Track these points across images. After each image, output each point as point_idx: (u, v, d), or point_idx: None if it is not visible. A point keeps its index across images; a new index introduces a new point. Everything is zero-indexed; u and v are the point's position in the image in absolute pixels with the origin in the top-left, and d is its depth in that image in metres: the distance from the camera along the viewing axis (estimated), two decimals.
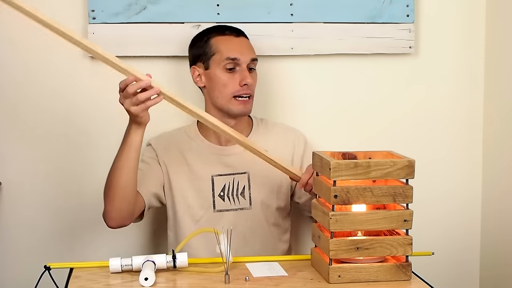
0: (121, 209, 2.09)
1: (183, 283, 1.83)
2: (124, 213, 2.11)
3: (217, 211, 2.23)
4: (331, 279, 1.79)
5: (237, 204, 2.25)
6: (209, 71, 2.24)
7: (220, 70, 2.22)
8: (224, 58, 2.21)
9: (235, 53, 2.22)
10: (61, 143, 2.48)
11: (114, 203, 2.07)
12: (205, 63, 2.25)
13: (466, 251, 2.70)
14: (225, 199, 2.24)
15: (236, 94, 2.21)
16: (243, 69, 2.22)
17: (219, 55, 2.22)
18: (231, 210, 2.24)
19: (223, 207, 2.24)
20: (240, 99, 2.21)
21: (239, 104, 2.21)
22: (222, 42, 2.24)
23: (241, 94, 2.21)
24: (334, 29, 2.50)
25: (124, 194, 2.07)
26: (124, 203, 2.08)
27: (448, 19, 2.61)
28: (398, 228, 1.82)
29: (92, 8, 2.40)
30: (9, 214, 2.49)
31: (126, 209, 2.10)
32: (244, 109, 2.22)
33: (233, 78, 2.21)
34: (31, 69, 2.45)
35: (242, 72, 2.22)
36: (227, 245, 1.82)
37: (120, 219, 2.11)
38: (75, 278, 1.85)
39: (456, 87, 2.65)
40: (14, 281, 2.50)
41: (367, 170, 1.77)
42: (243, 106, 2.22)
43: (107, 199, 2.09)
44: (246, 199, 2.25)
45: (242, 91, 2.21)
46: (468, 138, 2.66)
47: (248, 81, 2.20)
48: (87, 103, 2.49)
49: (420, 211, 2.02)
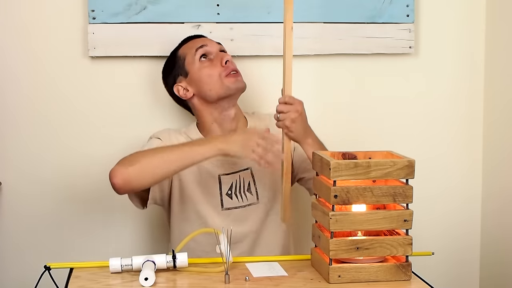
0: (141, 181, 2.07)
1: (183, 283, 1.83)
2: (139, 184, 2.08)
3: (225, 209, 2.24)
4: (331, 279, 1.79)
5: (245, 201, 2.26)
6: (190, 75, 2.27)
7: (197, 65, 2.25)
8: (193, 52, 2.26)
9: (199, 43, 2.28)
10: (61, 143, 2.48)
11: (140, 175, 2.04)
12: (182, 73, 2.28)
13: (466, 251, 2.70)
14: (233, 197, 2.25)
15: (224, 74, 2.23)
16: (217, 53, 2.27)
17: (189, 54, 2.27)
18: (239, 207, 2.25)
19: (231, 205, 2.24)
20: (230, 75, 2.24)
21: (231, 78, 2.24)
22: (186, 46, 2.30)
23: (228, 72, 2.23)
24: (334, 29, 2.50)
25: (155, 179, 2.06)
26: (147, 182, 2.08)
27: (448, 19, 2.61)
28: (398, 228, 1.82)
29: (92, 8, 2.40)
30: (9, 214, 2.49)
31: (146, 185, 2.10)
32: (238, 82, 2.24)
33: (213, 65, 2.25)
34: (31, 69, 2.45)
35: (217, 55, 2.26)
36: (227, 245, 1.82)
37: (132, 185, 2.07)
38: (75, 278, 1.85)
39: (456, 86, 2.65)
40: (14, 281, 2.50)
41: (367, 170, 1.77)
42: (235, 79, 2.24)
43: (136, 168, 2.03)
44: (253, 194, 2.26)
45: (227, 69, 2.24)
46: (468, 137, 2.66)
47: (227, 58, 2.24)
48: (87, 103, 2.49)
49: (420, 211, 2.02)
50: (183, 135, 2.29)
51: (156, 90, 2.50)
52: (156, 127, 2.39)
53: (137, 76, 2.49)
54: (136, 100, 2.50)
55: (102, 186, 2.50)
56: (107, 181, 2.50)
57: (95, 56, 2.44)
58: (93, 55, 2.43)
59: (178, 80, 2.29)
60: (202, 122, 2.30)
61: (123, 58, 2.47)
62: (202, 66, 2.25)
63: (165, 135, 2.27)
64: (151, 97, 2.51)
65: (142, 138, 2.47)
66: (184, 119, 2.46)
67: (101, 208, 2.52)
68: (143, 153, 2.08)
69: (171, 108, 2.51)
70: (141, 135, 2.48)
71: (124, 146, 2.50)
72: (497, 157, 2.60)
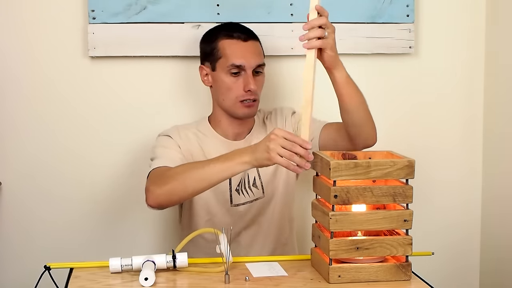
0: (173, 202, 2.07)
1: (183, 283, 1.83)
2: (171, 204, 2.09)
3: (234, 205, 2.25)
4: (331, 279, 1.79)
5: (251, 195, 2.26)
6: (215, 73, 2.24)
7: (224, 74, 2.21)
8: (229, 63, 2.20)
9: (240, 59, 2.20)
10: (61, 143, 2.48)
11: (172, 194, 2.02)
12: (212, 64, 2.25)
13: (466, 251, 2.70)
14: (240, 193, 2.25)
15: (240, 99, 2.21)
16: (248, 74, 2.21)
17: (224, 59, 2.21)
18: (246, 203, 2.26)
19: (239, 201, 2.25)
20: (245, 103, 2.22)
21: (244, 108, 2.22)
22: (229, 46, 2.22)
23: (245, 99, 2.21)
24: None
25: (186, 196, 2.05)
26: (181, 200, 2.08)
27: (448, 19, 2.62)
28: (398, 228, 1.82)
29: (92, 8, 2.40)
30: (9, 214, 2.49)
31: (178, 203, 2.12)
32: (249, 112, 2.23)
33: (237, 83, 2.21)
34: (31, 69, 2.45)
35: (246, 77, 2.21)
36: (227, 245, 1.82)
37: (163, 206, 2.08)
38: (75, 278, 1.85)
39: (456, 87, 2.65)
40: (14, 281, 2.50)
41: (367, 170, 1.77)
42: (247, 109, 2.22)
43: (166, 188, 2.01)
44: (259, 188, 2.27)
45: (246, 96, 2.21)
46: (468, 138, 2.67)
47: (251, 88, 2.20)
48: (87, 103, 2.49)
49: (420, 211, 2.02)
50: (193, 130, 2.28)
51: (156, 90, 2.51)
52: (157, 127, 2.39)
53: (137, 76, 2.49)
54: (136, 100, 2.50)
55: (102, 186, 2.51)
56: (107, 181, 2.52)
57: (95, 56, 2.44)
58: (93, 55, 2.43)
59: (206, 65, 2.27)
60: (213, 114, 2.31)
61: (123, 58, 2.47)
62: (229, 79, 2.22)
63: (174, 132, 2.25)
64: (152, 97, 2.51)
65: (142, 138, 2.48)
66: (185, 119, 2.46)
67: (101, 208, 2.52)
68: (174, 172, 2.03)
69: (172, 108, 2.51)
70: (142, 135, 2.49)
71: (124, 146, 2.50)
72: (497, 157, 2.60)
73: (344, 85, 2.01)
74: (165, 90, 2.51)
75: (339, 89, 2.03)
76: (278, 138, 1.85)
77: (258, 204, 2.27)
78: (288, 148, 1.84)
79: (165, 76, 2.50)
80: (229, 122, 2.27)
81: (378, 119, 2.60)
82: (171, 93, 2.51)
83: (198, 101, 2.49)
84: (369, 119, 2.11)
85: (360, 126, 2.10)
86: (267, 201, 2.28)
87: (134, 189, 2.50)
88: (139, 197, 2.52)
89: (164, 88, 2.51)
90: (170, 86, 2.51)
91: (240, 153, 1.93)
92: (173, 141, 2.22)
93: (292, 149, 1.83)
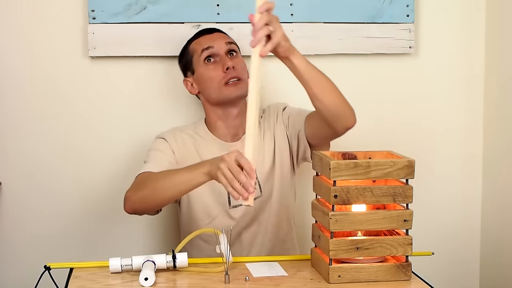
0: (146, 209, 2.11)
1: (183, 283, 1.83)
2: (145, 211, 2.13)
3: (232, 207, 2.25)
4: (331, 279, 1.79)
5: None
6: (196, 74, 2.28)
7: (202, 66, 2.26)
8: (200, 52, 2.26)
9: (207, 42, 2.27)
10: (61, 142, 2.48)
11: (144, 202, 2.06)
12: (190, 69, 2.30)
13: (466, 251, 2.70)
14: None
15: (223, 82, 2.23)
16: (222, 56, 2.26)
17: (196, 53, 2.27)
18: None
19: (237, 202, 2.25)
20: (229, 83, 2.23)
21: (230, 87, 2.23)
22: (197, 42, 2.30)
23: (228, 80, 2.23)
24: (334, 29, 2.51)
25: (156, 204, 2.08)
26: (153, 207, 2.11)
27: (448, 19, 2.62)
28: (398, 228, 1.82)
29: (92, 8, 2.40)
30: (9, 214, 2.49)
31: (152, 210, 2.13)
32: (237, 90, 2.23)
33: (216, 68, 2.24)
34: (31, 68, 2.45)
35: (221, 59, 2.25)
36: (227, 245, 1.82)
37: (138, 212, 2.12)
38: (75, 278, 1.85)
39: (456, 87, 2.65)
40: (14, 281, 2.50)
41: (367, 170, 1.77)
42: (234, 88, 2.23)
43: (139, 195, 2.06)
44: (257, 188, 2.27)
45: (227, 76, 2.23)
46: (468, 137, 2.67)
47: (228, 64, 2.22)
48: (86, 103, 2.49)
49: (420, 211, 2.02)
50: (190, 132, 2.29)
51: (157, 90, 2.51)
52: (157, 127, 2.39)
53: (137, 76, 2.49)
54: (136, 100, 2.50)
55: (102, 186, 2.51)
56: (107, 181, 2.52)
57: (95, 56, 2.44)
58: (93, 55, 2.43)
59: (187, 75, 2.32)
60: (208, 118, 2.32)
61: (123, 58, 2.47)
62: (206, 68, 2.26)
63: (170, 135, 2.27)
64: (151, 97, 2.51)
65: (142, 138, 2.48)
66: (185, 119, 2.46)
67: (101, 208, 2.52)
68: (149, 179, 2.07)
69: (172, 108, 2.51)
70: (141, 135, 2.49)
71: (124, 146, 2.50)
72: (497, 157, 2.60)
73: (306, 69, 1.98)
74: (165, 90, 2.51)
75: (303, 75, 1.99)
76: (229, 160, 1.84)
77: (256, 203, 2.27)
78: (233, 173, 1.83)
79: (165, 76, 2.50)
80: (225, 123, 2.27)
81: (378, 119, 2.61)
82: (170, 93, 2.51)
83: (197, 101, 2.49)
84: (343, 101, 2.03)
85: (335, 110, 2.03)
86: (265, 200, 2.28)
87: None
88: None
89: (164, 88, 2.51)
90: (170, 86, 2.51)
91: (204, 164, 1.96)
92: (167, 144, 2.24)
93: (235, 175, 1.82)
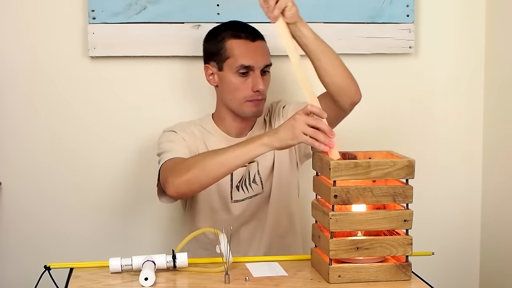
0: (193, 191, 2.09)
1: (183, 283, 1.83)
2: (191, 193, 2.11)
3: (234, 201, 2.26)
4: (331, 279, 1.79)
5: (251, 191, 2.27)
6: (222, 73, 2.23)
7: (232, 74, 2.20)
8: (238, 64, 2.19)
9: (249, 60, 2.20)
10: (61, 143, 2.48)
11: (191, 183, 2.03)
12: (218, 64, 2.23)
13: (466, 251, 2.70)
14: (240, 189, 2.26)
15: (248, 99, 2.21)
16: (256, 74, 2.20)
17: (233, 59, 2.20)
18: (246, 199, 2.27)
19: (239, 197, 2.26)
20: (253, 102, 2.21)
21: (252, 106, 2.22)
22: (237, 46, 2.21)
23: (253, 99, 2.21)
24: (334, 29, 2.51)
25: (207, 183, 2.04)
26: (201, 187, 2.07)
27: (448, 19, 2.62)
28: (398, 228, 1.82)
29: (92, 8, 2.40)
30: (9, 214, 2.49)
31: (199, 190, 2.10)
32: (256, 110, 2.23)
33: (246, 83, 2.20)
34: (31, 68, 2.45)
35: (255, 77, 2.20)
36: (227, 245, 1.82)
37: (184, 195, 2.10)
38: (75, 278, 1.85)
39: (456, 87, 2.65)
40: (14, 281, 2.50)
41: (367, 170, 1.77)
42: (255, 108, 2.22)
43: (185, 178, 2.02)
44: (258, 184, 2.27)
45: (254, 96, 2.21)
46: (468, 137, 2.67)
47: (260, 88, 2.20)
48: (86, 103, 2.49)
49: (420, 211, 2.02)
50: (197, 126, 2.29)
51: (156, 90, 2.51)
52: (156, 127, 2.39)
53: (137, 76, 2.49)
54: (136, 100, 2.50)
55: (102, 186, 2.51)
56: (107, 181, 2.52)
57: (95, 56, 2.44)
58: (93, 55, 2.43)
59: (211, 64, 2.25)
60: (217, 112, 2.30)
61: (123, 58, 2.47)
62: (237, 79, 2.21)
63: (179, 128, 2.25)
64: (151, 97, 2.51)
65: (142, 138, 2.48)
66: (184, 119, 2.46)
67: (101, 207, 2.52)
68: (193, 160, 2.05)
69: (172, 108, 2.51)
70: (141, 135, 2.49)
71: (123, 146, 2.50)
72: (497, 157, 2.60)
73: (315, 39, 2.02)
74: (165, 90, 2.51)
75: (311, 45, 2.03)
76: (302, 116, 1.86)
77: (257, 200, 2.28)
78: (312, 124, 1.84)
79: (165, 76, 2.50)
80: (233, 120, 2.27)
81: (377, 119, 2.61)
82: (171, 93, 2.51)
83: (198, 101, 2.49)
84: (349, 74, 2.10)
85: (342, 83, 2.08)
86: (266, 196, 2.28)
87: (134, 189, 2.51)
88: (139, 197, 2.53)
89: (164, 88, 2.51)
90: (170, 86, 2.51)
91: (259, 136, 1.95)
92: (178, 136, 2.22)
93: (316, 125, 1.84)
